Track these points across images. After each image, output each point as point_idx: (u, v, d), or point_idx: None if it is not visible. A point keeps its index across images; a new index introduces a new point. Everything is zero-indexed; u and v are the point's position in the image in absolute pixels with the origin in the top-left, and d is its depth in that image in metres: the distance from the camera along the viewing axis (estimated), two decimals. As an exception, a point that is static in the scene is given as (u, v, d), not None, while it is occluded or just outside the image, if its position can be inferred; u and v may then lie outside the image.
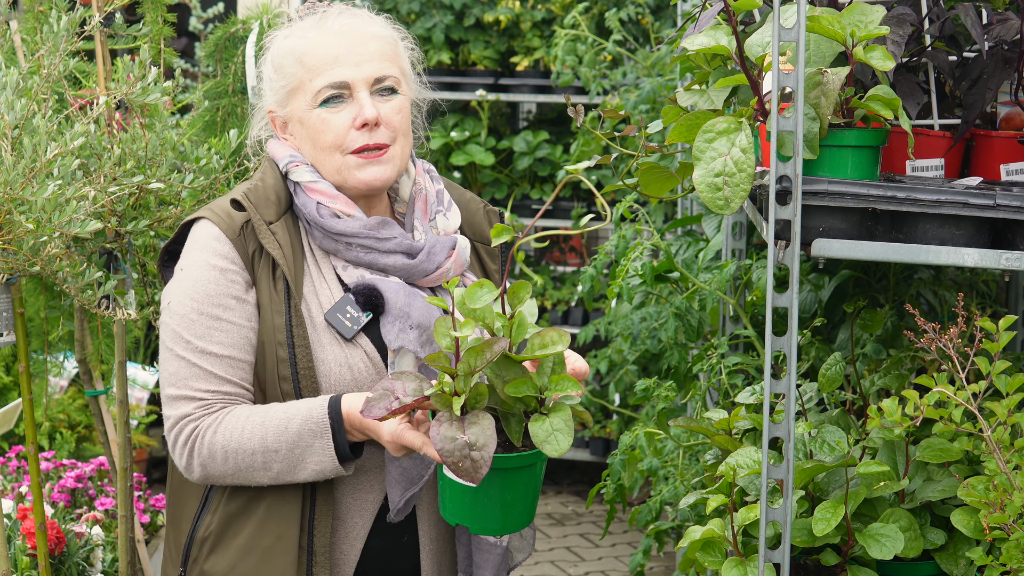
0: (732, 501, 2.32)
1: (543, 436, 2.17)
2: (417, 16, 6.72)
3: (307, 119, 2.46)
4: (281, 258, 2.41)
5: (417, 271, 2.47)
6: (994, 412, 2.22)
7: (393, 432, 2.28)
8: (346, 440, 2.34)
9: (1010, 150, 2.53)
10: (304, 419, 2.34)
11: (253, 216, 2.43)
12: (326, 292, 2.44)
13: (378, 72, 2.46)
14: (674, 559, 5.52)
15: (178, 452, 2.41)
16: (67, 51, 2.78)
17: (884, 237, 2.23)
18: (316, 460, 2.35)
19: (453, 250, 2.51)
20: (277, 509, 2.41)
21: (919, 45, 2.55)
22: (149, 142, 2.92)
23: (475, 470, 2.14)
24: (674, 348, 3.92)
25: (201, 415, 2.39)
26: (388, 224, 2.47)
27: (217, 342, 2.39)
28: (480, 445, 2.14)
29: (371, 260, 2.45)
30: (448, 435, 2.14)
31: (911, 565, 2.38)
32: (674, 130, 2.32)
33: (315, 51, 2.44)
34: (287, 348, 2.38)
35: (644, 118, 5.08)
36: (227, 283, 2.40)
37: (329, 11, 2.50)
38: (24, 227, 2.57)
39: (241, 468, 2.38)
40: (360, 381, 2.41)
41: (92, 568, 3.56)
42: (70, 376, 5.42)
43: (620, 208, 3.81)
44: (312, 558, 2.40)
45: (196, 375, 2.39)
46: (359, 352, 2.41)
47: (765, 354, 2.21)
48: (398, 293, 2.42)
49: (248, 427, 2.36)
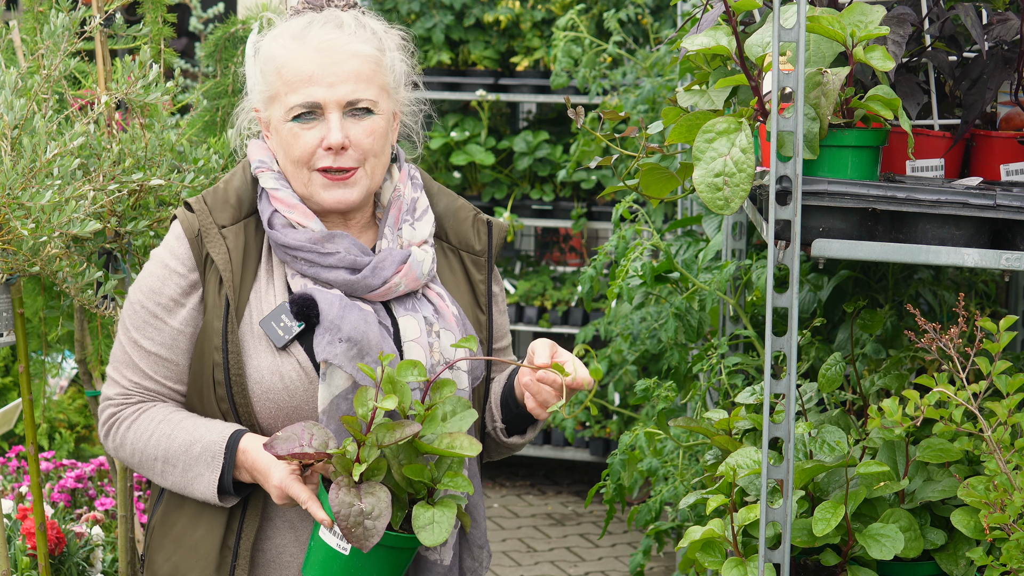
0: (732, 501, 2.32)
1: (423, 522, 2.25)
2: (417, 16, 6.72)
3: (280, 129, 2.45)
4: (224, 264, 2.42)
5: (360, 286, 2.45)
6: (994, 412, 2.22)
7: (282, 480, 2.31)
8: (232, 478, 2.39)
9: (1010, 150, 2.53)
10: (204, 447, 2.40)
11: (203, 220, 2.44)
12: (270, 299, 2.44)
13: (351, 95, 2.42)
14: (674, 559, 5.52)
15: (100, 427, 2.52)
16: (67, 51, 2.78)
17: (884, 237, 2.23)
18: (202, 488, 2.41)
19: (404, 264, 2.47)
20: (208, 506, 2.45)
21: (919, 45, 2.55)
22: (148, 142, 2.92)
23: (366, 538, 2.21)
24: (674, 348, 3.92)
25: (120, 403, 2.48)
26: (336, 238, 2.45)
27: (148, 337, 2.45)
28: (375, 515, 2.21)
29: (314, 273, 2.45)
30: (346, 500, 2.21)
31: (911, 565, 2.38)
32: (674, 130, 2.32)
33: (292, 65, 2.42)
34: (221, 353, 2.41)
35: (644, 118, 5.08)
36: (171, 284, 2.44)
37: (315, 20, 2.45)
38: (20, 233, 2.57)
39: (144, 467, 2.47)
40: (292, 391, 2.41)
41: (92, 568, 3.56)
42: (70, 376, 5.43)
43: (620, 208, 3.81)
44: (236, 559, 2.43)
45: (126, 362, 2.47)
46: (292, 361, 2.41)
47: (765, 354, 2.21)
48: (332, 305, 2.41)
49: (156, 434, 2.43)
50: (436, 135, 6.74)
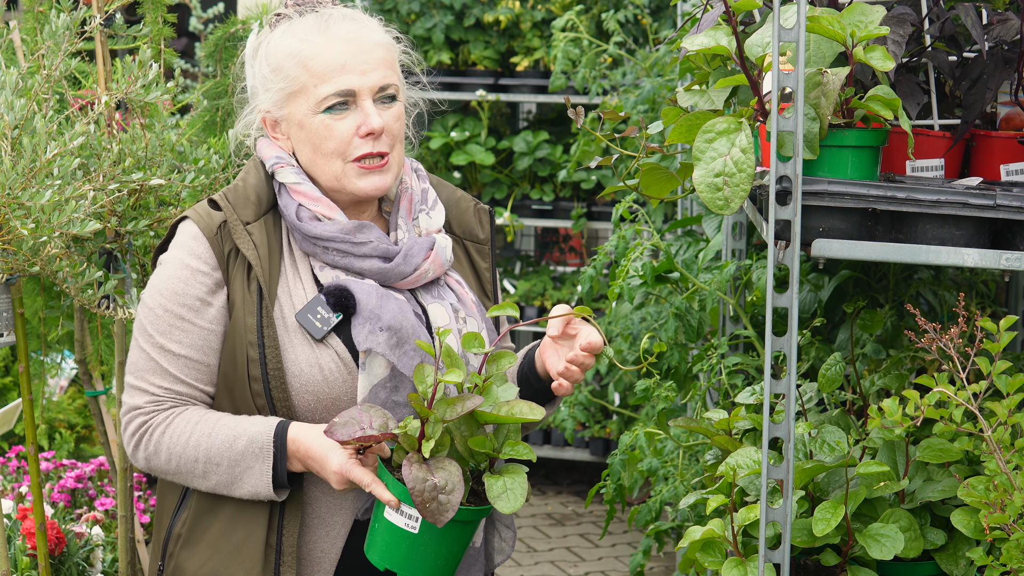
0: (732, 501, 2.32)
1: (497, 491, 2.25)
2: (417, 16, 6.72)
3: (308, 123, 2.46)
4: (255, 259, 2.42)
5: (393, 274, 2.47)
6: (994, 412, 2.22)
7: (343, 465, 2.31)
8: (285, 468, 2.38)
9: (1010, 150, 2.53)
10: (250, 440, 2.38)
11: (229, 216, 2.44)
12: (300, 293, 2.45)
13: (383, 80, 2.46)
14: (674, 559, 5.52)
15: (126, 439, 2.48)
16: (67, 51, 2.78)
17: (884, 237, 2.23)
18: (253, 482, 2.39)
19: (431, 251, 2.51)
20: (247, 507, 2.43)
21: (919, 45, 2.55)
22: (149, 142, 2.92)
23: (441, 512, 2.21)
24: (674, 348, 3.92)
25: (151, 410, 2.44)
26: (366, 228, 2.47)
27: (176, 340, 2.42)
28: (449, 489, 2.22)
29: (347, 264, 2.46)
30: (419, 475, 2.21)
31: (911, 565, 2.38)
32: (674, 130, 2.32)
33: (321, 57, 2.44)
34: (257, 348, 2.40)
35: (644, 119, 5.08)
36: (196, 284, 2.43)
37: (330, 14, 2.49)
38: (20, 233, 2.57)
39: (182, 471, 2.43)
40: (331, 382, 2.41)
41: (92, 568, 3.56)
42: (70, 376, 5.43)
43: (620, 208, 3.81)
44: (280, 557, 2.41)
45: (152, 369, 2.44)
46: (330, 353, 2.42)
47: (765, 354, 2.21)
48: (370, 295, 2.42)
49: (196, 434, 2.41)
50: (436, 135, 6.74)
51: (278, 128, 2.52)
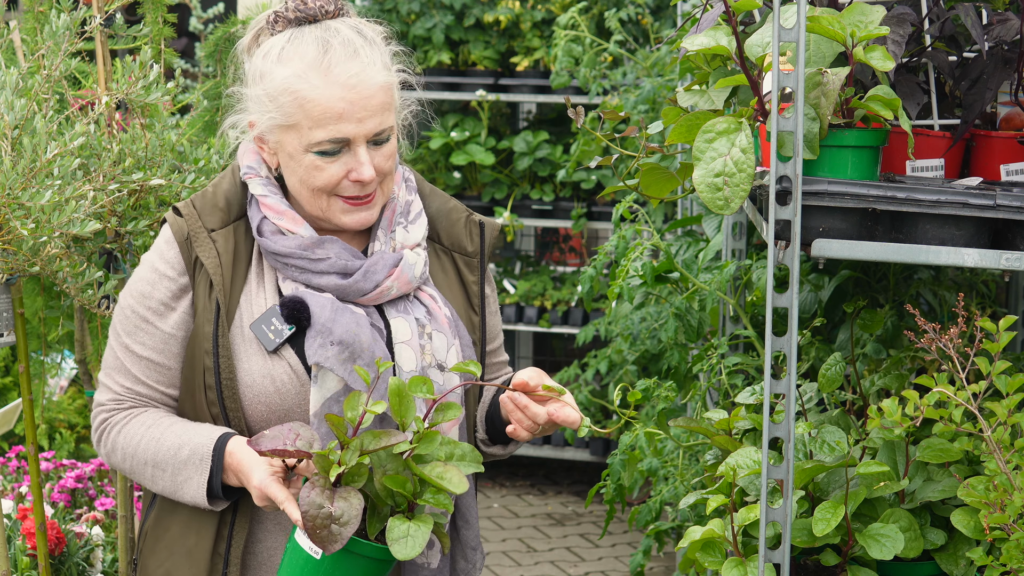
0: (732, 501, 2.33)
1: (398, 535, 2.19)
2: (417, 16, 6.72)
3: (298, 158, 2.42)
4: (214, 268, 2.41)
5: (351, 291, 2.44)
6: (994, 412, 2.22)
7: (262, 480, 2.30)
8: (221, 481, 2.38)
9: (1010, 150, 2.53)
10: (192, 450, 2.39)
11: (192, 223, 2.44)
12: (261, 302, 2.44)
13: (378, 127, 2.40)
14: (674, 559, 5.52)
15: (93, 433, 2.52)
16: (68, 51, 2.78)
17: (884, 237, 2.23)
18: (191, 492, 2.40)
19: (395, 268, 2.46)
20: (200, 512, 2.44)
21: (919, 45, 2.55)
22: (149, 142, 2.92)
23: (330, 541, 2.17)
24: (674, 348, 3.92)
25: (112, 408, 2.47)
26: (326, 243, 2.44)
27: (139, 342, 2.44)
28: (343, 521, 2.17)
29: (305, 279, 2.44)
30: (316, 501, 2.17)
31: (911, 565, 2.38)
32: (674, 130, 2.32)
33: (320, 103, 2.36)
34: (212, 357, 2.40)
35: (644, 118, 5.08)
36: (161, 288, 2.43)
37: (332, 44, 2.39)
38: (20, 233, 2.57)
39: (135, 472, 2.46)
40: (284, 393, 2.40)
41: (92, 568, 3.56)
42: (70, 376, 5.43)
43: (620, 208, 3.81)
44: (226, 567, 2.42)
45: (118, 368, 2.47)
46: (283, 365, 2.41)
47: (765, 354, 2.21)
48: (324, 308, 2.40)
49: (146, 438, 2.43)
50: (436, 135, 6.73)
51: (265, 143, 2.47)
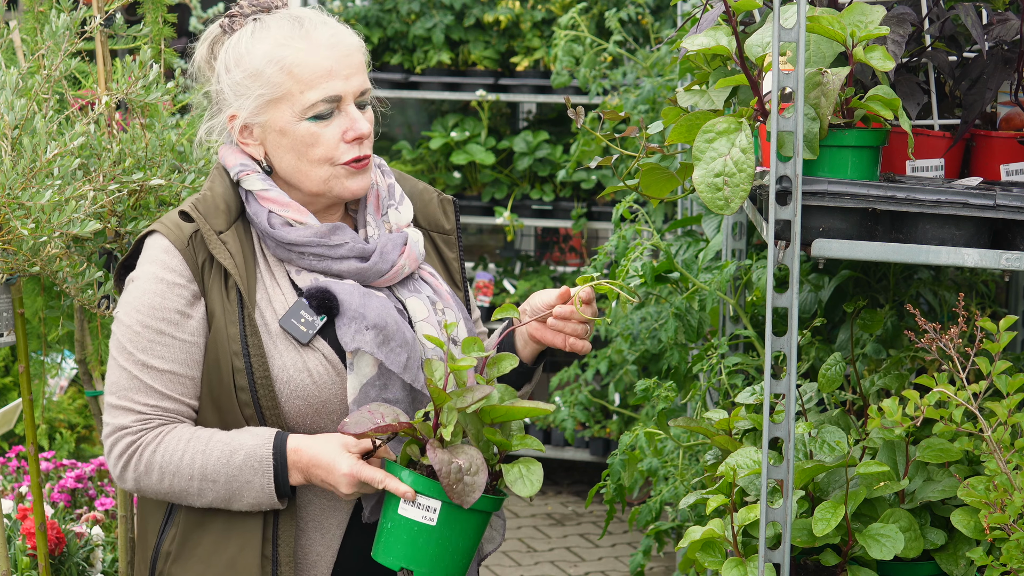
0: (732, 501, 2.32)
1: (514, 477, 2.30)
2: (417, 16, 6.72)
3: (292, 130, 2.43)
4: (233, 267, 2.41)
5: (372, 273, 2.47)
6: (994, 412, 2.22)
7: (352, 466, 2.31)
8: (287, 480, 2.37)
9: (1010, 150, 2.53)
10: (247, 455, 2.36)
11: (202, 226, 2.42)
12: (280, 298, 2.44)
13: (363, 85, 2.46)
14: (674, 559, 5.52)
15: (112, 461, 2.43)
16: (68, 51, 2.78)
17: (884, 237, 2.23)
18: (254, 495, 2.38)
19: (405, 246, 2.51)
20: (237, 520, 2.41)
21: (919, 45, 2.55)
22: (149, 142, 2.92)
23: (467, 493, 2.24)
24: (674, 348, 3.92)
25: (139, 429, 2.40)
26: (339, 230, 2.46)
27: (158, 356, 2.39)
28: (473, 471, 2.26)
29: (324, 267, 2.45)
30: (444, 458, 2.25)
31: (911, 565, 2.38)
32: (674, 130, 2.32)
33: (307, 63, 2.41)
34: (243, 358, 2.38)
35: (644, 118, 5.08)
36: (173, 297, 2.40)
37: (302, 17, 2.45)
38: (20, 233, 2.57)
39: (175, 490, 2.40)
40: (320, 385, 2.41)
41: (92, 568, 3.56)
42: (70, 376, 5.43)
43: (620, 208, 3.81)
44: (277, 568, 2.40)
45: (136, 387, 2.40)
46: (317, 356, 2.41)
47: (765, 354, 2.21)
48: (352, 294, 2.42)
49: (189, 451, 2.38)
50: (436, 135, 6.74)
51: (249, 134, 2.48)
